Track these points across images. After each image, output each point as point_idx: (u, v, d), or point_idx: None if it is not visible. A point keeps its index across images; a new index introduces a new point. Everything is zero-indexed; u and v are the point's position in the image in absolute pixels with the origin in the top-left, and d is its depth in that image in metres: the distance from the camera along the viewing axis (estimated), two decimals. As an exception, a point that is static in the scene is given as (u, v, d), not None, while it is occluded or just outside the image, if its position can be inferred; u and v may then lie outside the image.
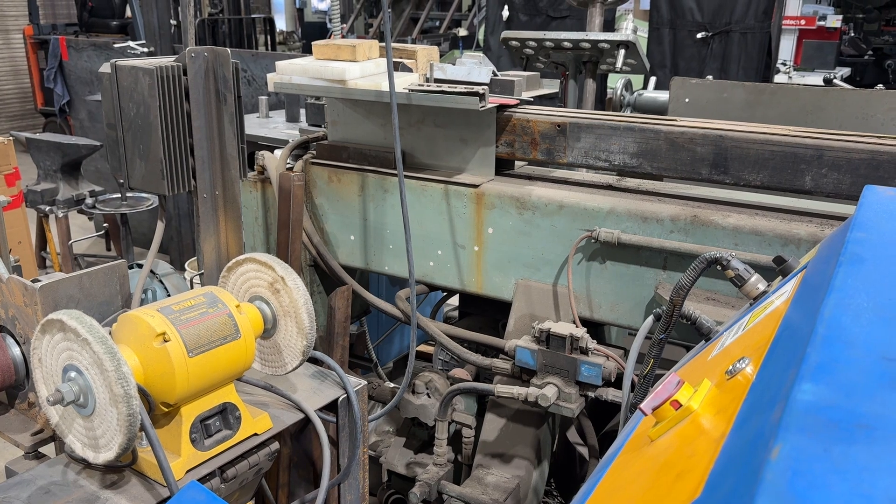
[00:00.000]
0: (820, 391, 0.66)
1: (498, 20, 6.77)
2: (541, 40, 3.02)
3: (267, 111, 4.96)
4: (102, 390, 1.39)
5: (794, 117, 2.70)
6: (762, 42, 5.97)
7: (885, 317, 0.83)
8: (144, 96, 1.87)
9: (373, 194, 2.59)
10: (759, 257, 1.91)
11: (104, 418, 1.41)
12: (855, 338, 0.77)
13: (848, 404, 0.64)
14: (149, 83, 1.85)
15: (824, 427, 0.61)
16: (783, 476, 0.55)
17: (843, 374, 0.69)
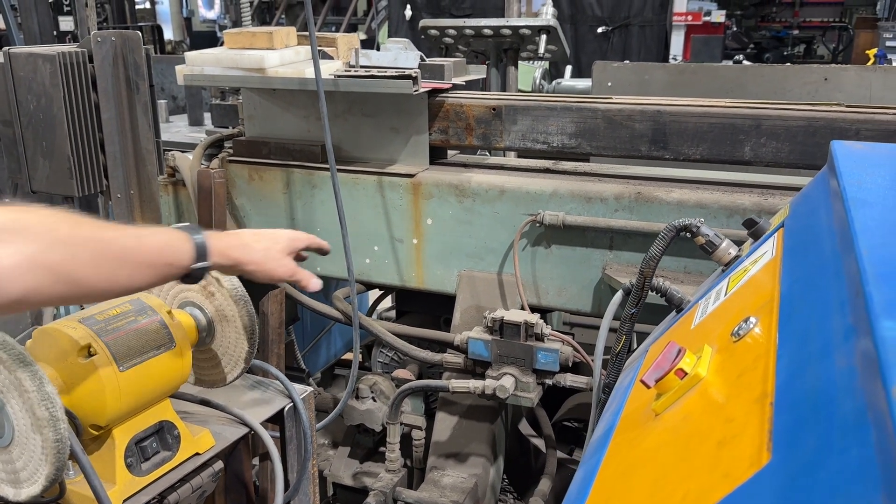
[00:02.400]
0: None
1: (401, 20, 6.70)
2: (461, 28, 2.95)
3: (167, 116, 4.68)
4: (22, 415, 1.20)
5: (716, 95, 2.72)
6: (660, 35, 6.17)
7: (924, 253, 0.78)
8: (45, 87, 1.66)
9: (300, 191, 2.44)
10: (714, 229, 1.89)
11: (25, 447, 1.22)
12: (906, 274, 0.71)
13: (941, 337, 0.58)
14: (50, 72, 1.65)
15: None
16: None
17: (919, 309, 0.63)
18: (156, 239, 1.21)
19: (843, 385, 0.63)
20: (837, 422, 0.59)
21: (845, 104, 1.99)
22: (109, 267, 1.12)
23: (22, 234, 1.02)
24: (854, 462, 0.53)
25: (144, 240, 1.18)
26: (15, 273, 0.99)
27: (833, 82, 2.65)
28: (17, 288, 1.00)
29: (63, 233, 1.06)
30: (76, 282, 1.07)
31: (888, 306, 0.63)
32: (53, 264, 1.03)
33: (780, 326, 0.89)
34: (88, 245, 1.09)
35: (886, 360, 0.55)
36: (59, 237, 1.06)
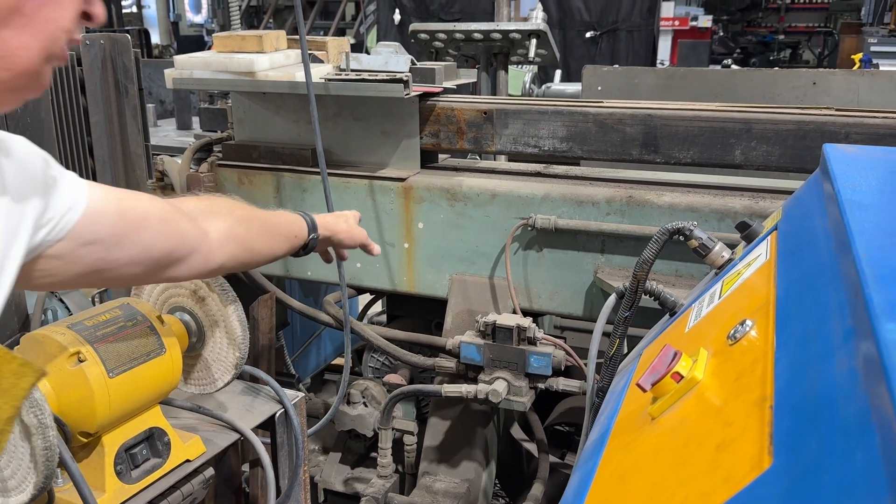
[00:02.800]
0: (907, 329, 0.59)
1: (389, 25, 6.69)
2: (451, 32, 2.94)
3: (155, 120, 4.65)
4: (10, 423, 1.17)
5: (706, 99, 2.73)
6: (647, 39, 6.20)
7: (920, 255, 0.78)
8: (32, 89, 1.64)
9: (290, 195, 2.43)
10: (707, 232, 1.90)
11: (14, 455, 1.20)
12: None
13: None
14: (37, 74, 1.63)
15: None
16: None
17: (920, 311, 0.63)
18: (287, 217, 1.57)
19: (844, 388, 0.62)
20: (840, 425, 0.59)
21: (835, 108, 2.00)
22: (270, 238, 1.48)
23: (217, 215, 1.35)
24: (859, 465, 0.53)
25: (281, 217, 1.55)
26: (219, 244, 1.32)
27: (821, 86, 2.66)
28: (221, 256, 1.33)
29: (239, 213, 1.41)
30: (253, 250, 1.42)
31: (889, 308, 0.63)
32: (240, 236, 1.38)
33: (778, 329, 0.88)
34: (256, 221, 1.44)
35: (890, 363, 0.54)
36: (239, 216, 1.40)
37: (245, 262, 1.45)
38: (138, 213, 1.17)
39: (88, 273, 1.11)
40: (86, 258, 1.08)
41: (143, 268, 1.18)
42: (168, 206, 1.25)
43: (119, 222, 1.12)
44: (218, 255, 1.32)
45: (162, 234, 1.20)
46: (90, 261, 1.09)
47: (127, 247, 1.13)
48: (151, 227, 1.18)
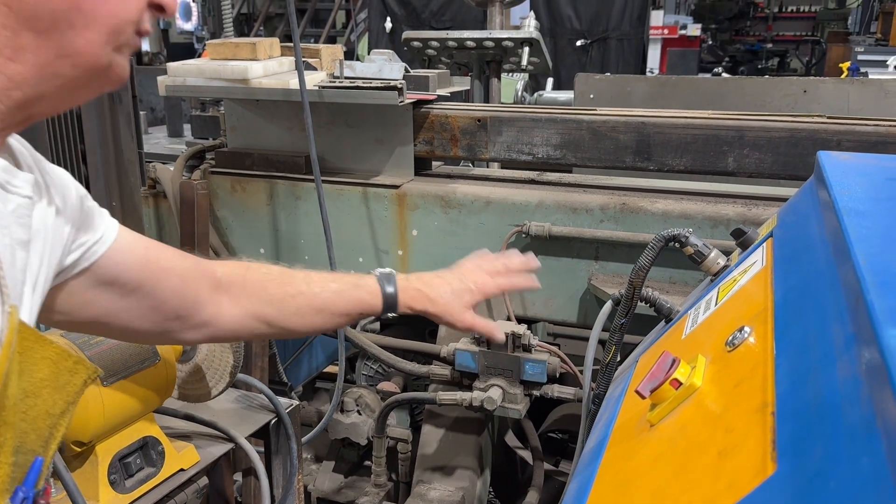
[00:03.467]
0: (909, 335, 0.59)
1: (381, 33, 6.70)
2: (444, 40, 2.95)
3: (146, 127, 4.63)
4: (4, 432, 1.16)
5: (697, 107, 2.75)
6: (638, 48, 6.23)
7: (919, 262, 0.78)
8: (25, 96, 1.63)
9: (283, 203, 2.42)
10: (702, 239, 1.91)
11: (7, 466, 1.18)
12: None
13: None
14: (30, 80, 1.62)
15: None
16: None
17: (921, 317, 0.63)
18: (351, 295, 1.34)
19: (848, 393, 0.63)
20: (845, 430, 0.59)
21: (826, 116, 2.02)
22: (311, 317, 1.31)
23: (243, 289, 1.24)
24: (865, 470, 0.53)
25: (342, 295, 1.33)
26: (236, 321, 1.23)
27: (812, 94, 2.69)
28: (237, 331, 1.26)
29: (275, 290, 1.27)
30: (283, 328, 1.30)
31: (890, 314, 0.63)
32: (268, 317, 1.26)
33: (777, 336, 0.89)
34: (296, 300, 1.28)
35: (894, 368, 0.55)
36: (272, 295, 1.27)
37: (273, 336, 1.37)
38: (161, 266, 1.13)
39: (99, 319, 1.08)
40: (100, 301, 1.05)
41: (151, 324, 1.13)
42: (194, 267, 1.20)
43: (142, 269, 1.09)
44: (232, 330, 1.26)
45: (177, 294, 1.14)
46: (103, 305, 1.06)
47: (141, 297, 1.09)
48: (169, 284, 1.13)
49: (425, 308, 1.39)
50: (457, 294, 1.41)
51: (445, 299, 1.40)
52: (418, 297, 1.38)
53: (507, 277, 1.49)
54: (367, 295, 1.34)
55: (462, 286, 1.43)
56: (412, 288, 1.38)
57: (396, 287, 1.36)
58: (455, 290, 1.42)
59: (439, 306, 1.39)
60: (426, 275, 1.44)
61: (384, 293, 1.34)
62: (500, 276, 1.48)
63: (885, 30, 11.35)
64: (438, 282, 1.42)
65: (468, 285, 1.43)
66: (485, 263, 1.49)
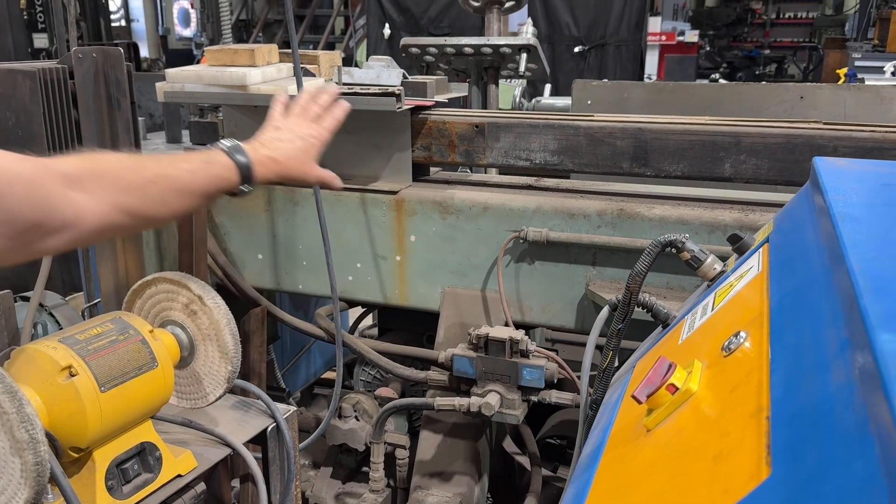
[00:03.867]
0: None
1: (379, 39, 6.72)
2: (441, 46, 2.96)
3: (144, 133, 4.63)
4: (1, 437, 1.16)
5: (694, 113, 2.76)
6: (635, 54, 6.25)
7: (913, 267, 0.79)
8: (25, 103, 1.64)
9: (281, 209, 2.42)
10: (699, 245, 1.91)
11: (4, 471, 1.18)
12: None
13: (939, 349, 0.58)
14: (30, 88, 1.63)
15: (933, 374, 0.54)
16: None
17: (914, 322, 0.64)
18: (207, 173, 1.31)
19: (842, 398, 0.63)
20: (839, 435, 0.59)
21: (823, 122, 2.02)
22: (173, 201, 1.27)
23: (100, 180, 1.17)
24: (859, 475, 0.53)
25: (198, 175, 1.30)
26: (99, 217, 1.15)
27: (808, 100, 2.69)
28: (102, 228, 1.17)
29: (131, 178, 1.21)
30: (149, 217, 1.27)
31: (885, 319, 0.64)
32: (131, 208, 1.20)
33: (772, 340, 0.89)
34: (156, 186, 1.24)
35: (888, 374, 0.55)
36: (129, 183, 1.20)
37: (134, 227, 1.31)
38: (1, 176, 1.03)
39: None
40: None
41: (7, 239, 1.04)
42: (38, 168, 1.10)
43: None
44: (96, 227, 1.16)
45: (29, 202, 1.06)
46: None
47: None
48: (16, 194, 1.03)
49: (280, 173, 1.41)
50: (304, 152, 1.46)
51: (297, 160, 1.44)
52: (271, 164, 1.40)
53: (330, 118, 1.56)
54: (221, 170, 1.32)
55: (304, 143, 1.47)
56: (262, 156, 1.38)
57: (248, 157, 1.36)
58: (301, 149, 1.46)
59: (293, 169, 1.43)
60: (264, 139, 1.45)
61: (238, 164, 1.34)
62: (322, 118, 1.55)
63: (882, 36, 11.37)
64: (283, 144, 1.44)
65: (310, 141, 1.49)
66: (299, 110, 1.54)
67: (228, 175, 1.33)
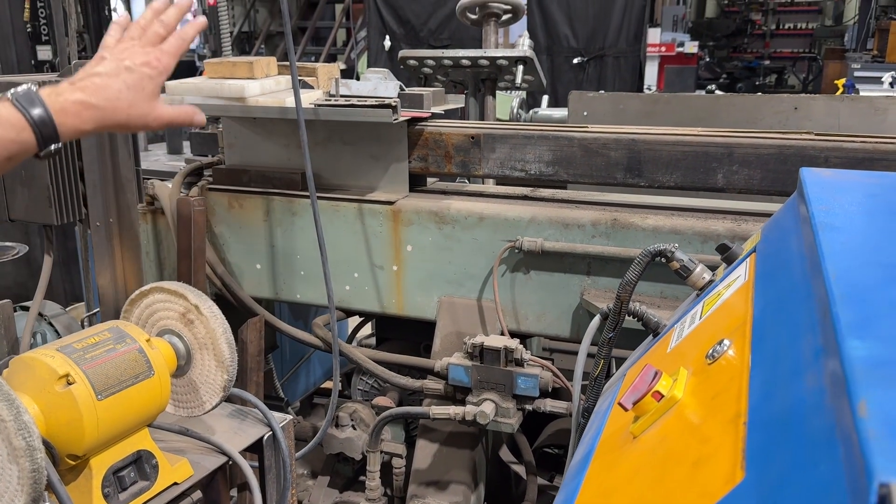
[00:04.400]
0: (871, 346, 0.62)
1: (380, 51, 6.77)
2: (439, 58, 2.99)
3: (146, 144, 4.67)
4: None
5: (689, 124, 2.78)
6: (634, 65, 6.29)
7: (886, 275, 0.81)
8: (24, 114, 1.66)
9: (280, 219, 2.45)
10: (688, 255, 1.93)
11: (2, 478, 1.20)
12: (870, 296, 0.74)
13: (905, 355, 0.60)
14: (29, 99, 1.65)
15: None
16: (888, 429, 0.49)
17: (883, 329, 0.65)
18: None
19: (813, 404, 0.65)
20: (808, 439, 0.61)
21: (814, 132, 2.05)
22: None
23: None
24: (824, 478, 0.55)
25: None
26: None
27: (803, 111, 2.72)
28: None
29: None
30: None
31: (854, 326, 0.65)
32: None
33: (753, 348, 0.91)
34: None
35: (852, 378, 0.57)
36: None
37: None
38: None
39: None
40: None
41: None
42: None
43: None
44: None
45: None
46: None
47: None
48: None
49: (102, 122, 1.10)
50: (133, 88, 1.12)
51: (126, 100, 1.11)
52: (85, 110, 1.09)
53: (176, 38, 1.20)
54: (6, 130, 1.03)
55: (133, 76, 1.13)
56: (70, 102, 1.07)
57: (46, 107, 1.05)
58: (129, 84, 1.12)
59: (120, 112, 1.11)
60: (77, 77, 1.11)
61: (31, 120, 1.04)
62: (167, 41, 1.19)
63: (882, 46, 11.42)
64: (105, 80, 1.11)
65: (143, 71, 1.14)
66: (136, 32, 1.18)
67: (19, 136, 1.04)
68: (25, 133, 1.04)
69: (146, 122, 1.14)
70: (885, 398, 0.53)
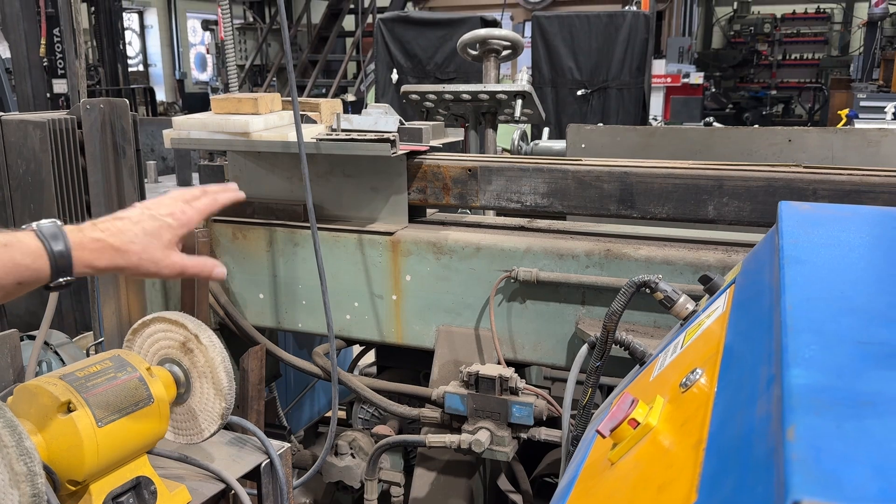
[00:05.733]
0: (811, 375, 0.65)
1: (388, 84, 6.89)
2: (440, 93, 3.06)
3: (156, 176, 4.77)
4: (1, 470, 1.22)
5: (685, 156, 2.83)
6: (637, 97, 6.37)
7: (843, 307, 0.85)
8: (35, 151, 1.74)
9: (282, 249, 2.50)
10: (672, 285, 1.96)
11: (3, 502, 1.24)
12: (823, 327, 0.78)
13: (843, 384, 0.64)
14: (40, 137, 1.72)
15: (829, 406, 0.60)
16: (810, 453, 0.53)
17: (828, 359, 0.69)
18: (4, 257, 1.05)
19: (760, 429, 0.68)
20: (752, 464, 0.64)
21: (803, 165, 2.09)
22: None
23: None
24: (759, 500, 0.58)
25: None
26: None
27: (797, 143, 2.76)
28: None
29: None
30: None
31: (798, 355, 0.69)
32: None
33: (720, 376, 0.94)
34: None
35: (788, 405, 0.60)
36: None
37: None
38: None
39: None
40: None
41: None
42: None
43: None
44: None
45: None
46: None
47: None
48: None
49: (114, 262, 1.14)
50: (153, 234, 1.18)
51: (140, 244, 1.15)
52: (101, 249, 1.13)
53: (207, 197, 1.29)
54: (24, 257, 1.06)
55: (158, 223, 1.19)
56: (90, 239, 1.12)
57: (68, 243, 1.09)
58: (149, 231, 1.17)
59: (133, 255, 1.15)
60: (102, 219, 1.17)
61: (51, 253, 1.08)
62: (198, 199, 1.28)
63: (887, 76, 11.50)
64: (125, 225, 1.16)
65: (165, 220, 1.20)
66: (179, 193, 1.28)
67: (35, 265, 1.07)
68: (41, 261, 1.08)
69: (158, 269, 1.19)
70: (813, 424, 0.57)
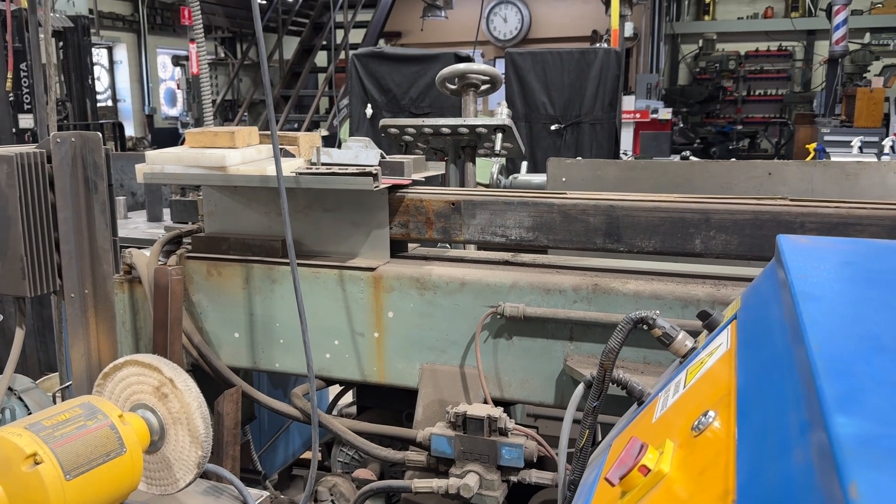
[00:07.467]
0: (858, 423, 0.61)
1: (362, 118, 6.86)
2: (420, 126, 3.03)
3: (125, 212, 4.66)
4: (-42, 532, 1.13)
5: (666, 189, 2.82)
6: (610, 132, 6.42)
7: (870, 346, 0.80)
8: (1, 187, 1.65)
9: (259, 286, 2.42)
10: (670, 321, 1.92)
11: (-40, 568, 1.14)
12: (856, 368, 0.73)
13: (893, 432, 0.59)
14: (7, 172, 1.64)
15: (886, 458, 0.55)
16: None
17: (870, 404, 0.65)
18: None
19: (802, 482, 0.63)
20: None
21: (789, 198, 2.08)
22: None
23: None
24: (817, 562, 0.53)
25: None
26: None
27: (776, 176, 2.77)
28: None
29: None
30: None
31: (840, 401, 0.65)
32: None
33: (739, 421, 0.89)
34: None
35: (841, 458, 0.56)
36: None
37: None
38: None
39: None
40: None
41: None
42: None
43: None
44: None
45: None
46: None
47: None
48: None
49: None
50: None
51: None
52: None
53: None
54: None
55: None
56: None
57: None
58: None
59: None
60: None
61: None
62: None
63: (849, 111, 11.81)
64: None
65: None
66: None
67: None
68: None
69: None
70: (875, 479, 0.52)
